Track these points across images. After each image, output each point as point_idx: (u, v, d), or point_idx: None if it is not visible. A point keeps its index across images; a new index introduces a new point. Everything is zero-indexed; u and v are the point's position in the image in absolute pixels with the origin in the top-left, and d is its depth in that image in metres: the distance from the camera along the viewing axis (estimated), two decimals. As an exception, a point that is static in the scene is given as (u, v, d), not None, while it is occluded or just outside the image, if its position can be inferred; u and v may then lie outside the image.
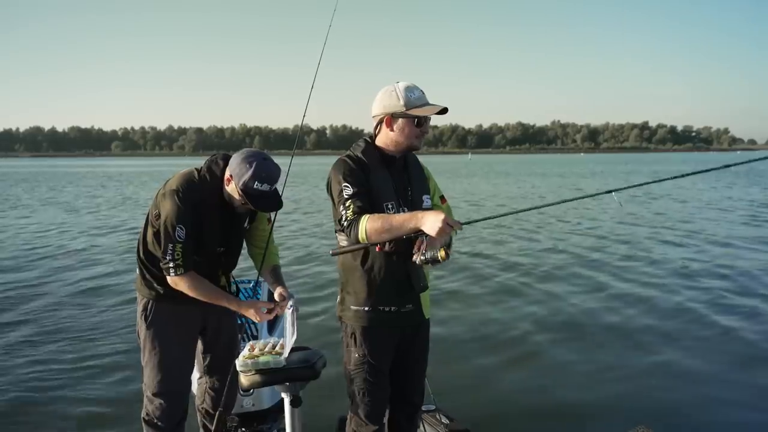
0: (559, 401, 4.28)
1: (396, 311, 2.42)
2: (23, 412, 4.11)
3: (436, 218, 2.12)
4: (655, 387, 4.47)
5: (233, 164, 2.56)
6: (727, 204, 18.68)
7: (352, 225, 2.25)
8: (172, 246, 2.53)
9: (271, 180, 2.55)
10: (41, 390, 4.47)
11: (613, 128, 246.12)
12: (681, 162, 71.29)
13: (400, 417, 2.65)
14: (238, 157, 2.56)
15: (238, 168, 2.53)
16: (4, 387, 4.50)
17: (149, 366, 2.76)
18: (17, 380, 4.64)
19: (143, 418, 2.81)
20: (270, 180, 2.54)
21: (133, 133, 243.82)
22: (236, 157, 2.57)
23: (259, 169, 2.50)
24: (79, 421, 3.99)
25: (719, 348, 5.34)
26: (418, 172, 2.58)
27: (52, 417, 4.04)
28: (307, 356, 2.56)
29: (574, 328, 6.01)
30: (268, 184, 2.54)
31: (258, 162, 2.52)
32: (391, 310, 2.41)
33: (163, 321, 2.75)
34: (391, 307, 2.41)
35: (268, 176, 2.53)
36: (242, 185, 2.51)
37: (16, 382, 4.59)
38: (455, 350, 5.29)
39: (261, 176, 2.50)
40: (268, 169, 2.54)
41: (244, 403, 3.22)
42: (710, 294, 7.23)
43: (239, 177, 2.52)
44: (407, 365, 2.57)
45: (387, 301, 2.41)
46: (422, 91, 2.41)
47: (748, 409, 4.13)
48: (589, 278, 8.26)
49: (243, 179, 2.50)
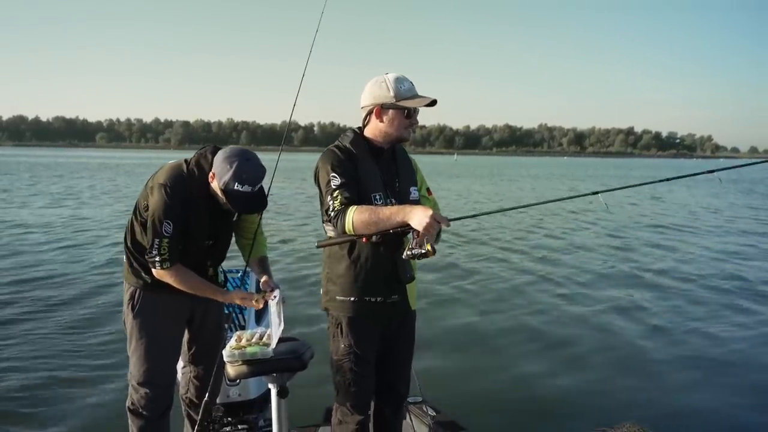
0: (545, 395, 4.33)
1: (382, 302, 2.41)
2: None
3: (424, 214, 2.12)
4: (641, 381, 4.55)
5: (216, 162, 2.53)
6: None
7: (339, 216, 2.24)
8: (158, 241, 2.51)
9: (253, 181, 2.51)
10: (24, 379, 4.43)
11: (599, 133, 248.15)
12: (669, 169, 72.05)
13: (385, 407, 2.66)
14: (221, 156, 2.53)
15: (219, 167, 2.50)
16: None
17: (135, 355, 2.74)
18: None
19: (128, 408, 2.79)
20: (252, 181, 2.50)
21: (119, 124, 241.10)
22: (220, 155, 2.54)
23: (239, 169, 2.47)
24: (63, 411, 3.96)
25: (701, 349, 5.43)
26: (406, 163, 2.58)
27: (35, 406, 4.00)
28: (295, 347, 2.55)
29: (561, 323, 6.09)
30: (249, 186, 2.50)
31: (239, 162, 2.48)
32: (377, 301, 2.41)
33: (150, 310, 2.73)
34: (377, 297, 2.41)
35: (249, 177, 2.49)
36: (222, 185, 2.49)
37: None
38: (443, 343, 5.32)
39: (242, 177, 2.47)
40: (250, 170, 2.50)
41: (231, 393, 3.21)
42: (693, 292, 7.36)
43: (220, 177, 2.49)
44: (393, 355, 2.57)
45: (373, 292, 2.40)
46: (412, 82, 2.41)
47: (737, 407, 4.21)
48: (575, 277, 8.34)
49: (223, 179, 2.48)
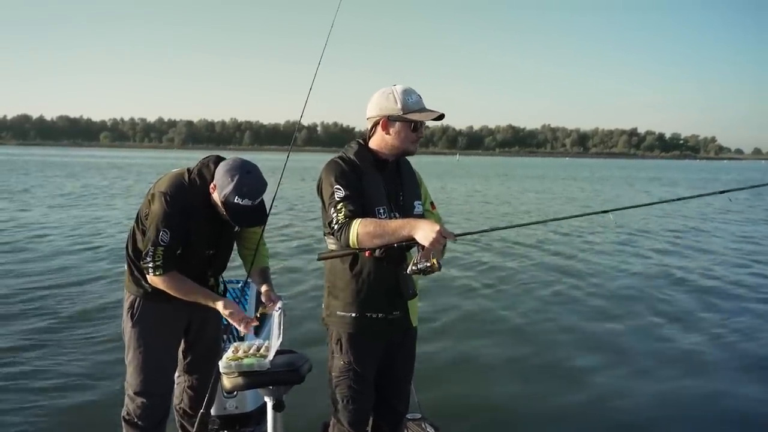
0: (546, 411, 4.27)
1: (383, 318, 2.38)
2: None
3: (431, 228, 2.09)
4: (646, 394, 4.49)
5: (218, 174, 2.53)
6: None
7: (342, 229, 2.21)
8: (153, 249, 2.51)
9: (253, 195, 2.50)
10: (16, 383, 4.41)
11: (603, 133, 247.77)
12: (675, 170, 71.70)
13: (383, 425, 2.61)
14: (223, 168, 2.52)
15: (221, 179, 2.50)
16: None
17: (132, 365, 2.73)
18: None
19: (123, 417, 2.78)
20: (252, 195, 2.49)
21: (123, 124, 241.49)
22: (222, 167, 2.54)
23: (240, 183, 2.46)
24: (56, 420, 3.91)
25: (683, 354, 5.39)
26: (411, 177, 2.54)
27: (29, 412, 3.97)
28: (292, 360, 2.53)
29: (562, 337, 6.01)
30: (249, 200, 2.49)
31: (240, 175, 2.47)
32: (378, 317, 2.37)
33: (150, 320, 2.72)
34: (379, 314, 2.37)
35: (249, 191, 2.48)
36: (223, 198, 2.49)
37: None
38: (442, 359, 5.25)
39: (242, 191, 2.46)
40: (251, 184, 2.49)
41: (227, 405, 3.19)
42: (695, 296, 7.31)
43: (221, 189, 2.49)
44: (393, 373, 2.54)
45: (375, 308, 2.36)
46: (419, 95, 2.38)
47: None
48: (579, 289, 8.24)
49: (224, 192, 2.48)
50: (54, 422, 3.88)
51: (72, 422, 3.89)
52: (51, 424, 3.86)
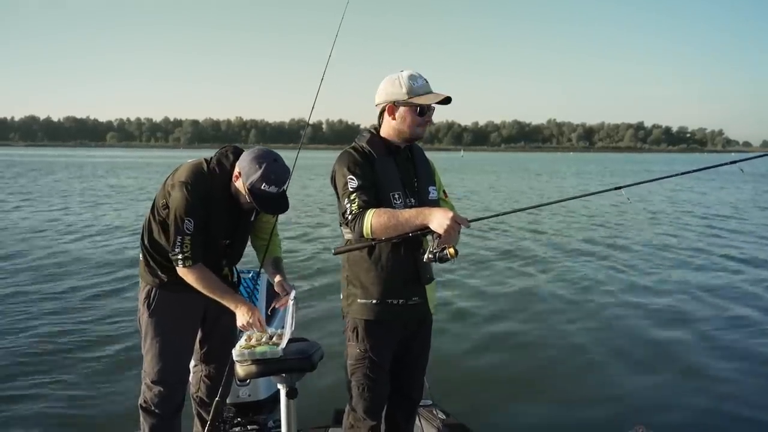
0: (557, 399, 4.29)
1: (403, 303, 2.38)
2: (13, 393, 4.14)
3: (444, 216, 2.08)
4: (653, 385, 4.49)
5: (243, 161, 2.54)
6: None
7: (356, 219, 2.20)
8: (180, 238, 2.53)
9: (279, 182, 2.52)
10: (36, 372, 4.51)
11: (609, 128, 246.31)
12: (685, 164, 71.23)
13: (397, 412, 2.62)
14: (249, 155, 2.54)
15: (247, 166, 2.51)
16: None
17: (150, 354, 2.76)
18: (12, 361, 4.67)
19: (140, 405, 2.81)
20: (278, 182, 2.51)
21: (129, 124, 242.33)
22: (247, 155, 2.55)
23: (268, 170, 2.47)
24: (74, 407, 4.01)
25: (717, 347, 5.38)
26: (425, 164, 2.54)
27: (46, 402, 4.06)
28: (305, 348, 2.55)
29: (574, 326, 5.99)
30: (275, 187, 2.50)
31: (268, 163, 2.49)
32: (398, 303, 2.37)
33: (166, 309, 2.74)
34: (399, 299, 2.37)
35: (276, 178, 2.50)
36: (249, 185, 2.49)
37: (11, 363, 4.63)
38: (454, 346, 5.27)
39: (270, 178, 2.48)
40: (278, 171, 2.51)
41: (241, 393, 3.22)
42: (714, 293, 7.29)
43: (247, 176, 2.50)
44: (408, 361, 2.54)
45: (395, 294, 2.36)
46: (426, 79, 2.37)
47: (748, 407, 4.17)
48: (592, 276, 8.23)
49: (251, 179, 2.48)
50: (72, 410, 3.97)
51: (91, 412, 3.98)
52: (69, 412, 3.95)
